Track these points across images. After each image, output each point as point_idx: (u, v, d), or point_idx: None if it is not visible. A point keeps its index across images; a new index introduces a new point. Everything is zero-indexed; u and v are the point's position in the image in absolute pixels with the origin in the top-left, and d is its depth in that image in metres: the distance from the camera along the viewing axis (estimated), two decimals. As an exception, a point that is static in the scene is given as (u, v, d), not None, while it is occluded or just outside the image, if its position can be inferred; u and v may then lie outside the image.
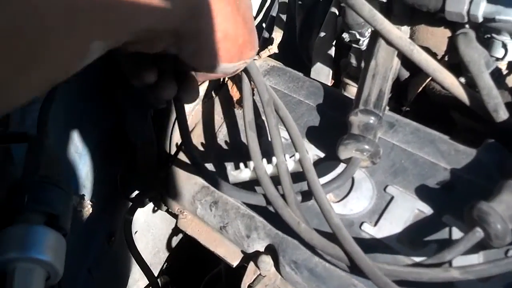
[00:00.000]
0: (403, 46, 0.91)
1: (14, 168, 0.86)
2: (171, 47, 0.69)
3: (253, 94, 0.99)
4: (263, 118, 0.98)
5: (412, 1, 0.97)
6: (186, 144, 0.98)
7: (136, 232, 1.45)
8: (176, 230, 1.59)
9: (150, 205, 1.30)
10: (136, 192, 1.28)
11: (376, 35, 0.96)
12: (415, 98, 1.16)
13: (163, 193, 1.16)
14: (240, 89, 1.03)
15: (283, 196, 0.84)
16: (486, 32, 0.95)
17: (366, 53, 0.98)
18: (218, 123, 1.11)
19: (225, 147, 1.07)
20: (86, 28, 0.50)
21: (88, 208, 1.11)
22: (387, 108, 1.18)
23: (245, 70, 0.97)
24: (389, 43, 0.92)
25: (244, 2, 0.73)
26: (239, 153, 1.02)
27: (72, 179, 1.19)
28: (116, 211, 1.35)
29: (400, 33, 0.92)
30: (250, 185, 0.92)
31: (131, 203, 1.27)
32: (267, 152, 0.90)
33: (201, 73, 0.84)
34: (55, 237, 0.71)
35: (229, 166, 0.99)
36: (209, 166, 1.05)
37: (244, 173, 0.89)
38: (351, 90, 1.29)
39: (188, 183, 1.07)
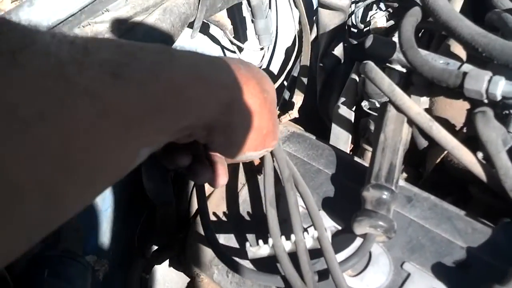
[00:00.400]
0: (423, 123, 0.92)
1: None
2: (201, 138, 0.71)
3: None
4: (282, 183, 0.99)
5: (431, 76, 0.98)
6: (204, 221, 1.00)
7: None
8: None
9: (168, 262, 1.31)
10: (154, 250, 1.29)
11: (385, 107, 0.97)
12: (433, 168, 1.17)
13: (180, 254, 1.17)
14: (261, 159, 1.05)
15: (300, 274, 0.85)
16: (504, 108, 0.96)
17: (376, 125, 1.00)
18: (239, 187, 1.12)
19: (245, 215, 1.08)
20: (136, 138, 0.52)
21: (105, 268, 1.13)
22: (404, 175, 1.20)
23: None
24: (408, 118, 0.94)
25: (271, 95, 0.76)
26: (258, 223, 1.03)
27: (91, 237, 1.21)
28: (132, 268, 1.36)
29: (419, 109, 0.93)
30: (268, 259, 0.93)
31: (147, 261, 1.28)
32: (285, 220, 0.91)
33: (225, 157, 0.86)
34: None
35: (249, 238, 1.00)
36: (227, 236, 1.07)
37: (262, 250, 0.89)
38: (370, 156, 1.30)
39: (206, 247, 1.08)
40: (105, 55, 0.49)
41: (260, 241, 0.90)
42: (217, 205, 1.11)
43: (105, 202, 1.22)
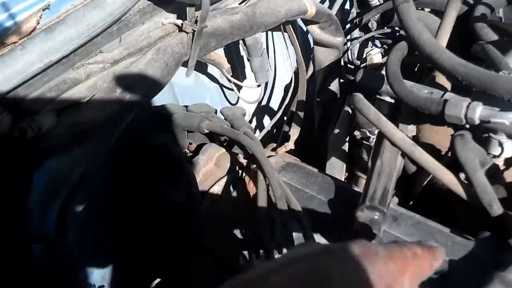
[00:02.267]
0: (406, 147, 0.98)
1: (33, 270, 0.92)
2: None
3: (268, 190, 1.06)
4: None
5: (415, 104, 1.04)
6: (202, 239, 1.05)
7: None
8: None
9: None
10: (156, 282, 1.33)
11: (381, 136, 1.02)
12: (421, 191, 1.22)
13: (182, 284, 1.21)
14: (256, 185, 1.10)
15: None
16: (483, 131, 1.02)
17: (373, 152, 1.05)
18: (234, 211, 1.18)
19: (241, 238, 1.13)
20: None
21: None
22: (396, 200, 1.25)
23: (261, 169, 1.04)
24: (393, 144, 0.99)
25: None
26: (254, 247, 1.07)
27: (93, 271, 1.25)
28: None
29: (402, 135, 0.99)
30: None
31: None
32: (281, 244, 0.96)
33: None
34: None
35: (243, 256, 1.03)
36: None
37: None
38: (363, 183, 1.34)
39: (205, 274, 1.12)
40: None
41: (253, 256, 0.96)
42: (215, 235, 1.15)
43: (107, 239, 1.27)
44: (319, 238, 1.05)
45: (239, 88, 1.65)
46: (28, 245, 0.91)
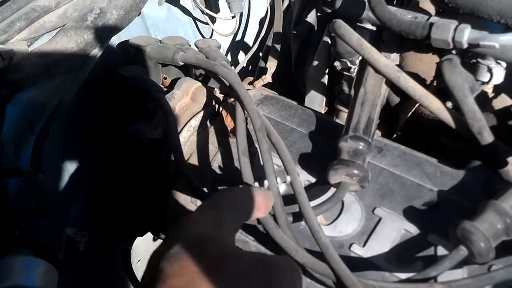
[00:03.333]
0: (390, 74, 0.93)
1: (8, 201, 0.88)
2: None
3: (247, 123, 1.01)
4: (256, 145, 1.00)
5: (399, 29, 0.99)
6: (182, 169, 1.01)
7: (139, 261, 1.46)
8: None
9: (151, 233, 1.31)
10: (135, 221, 1.30)
11: (364, 63, 0.98)
12: (405, 123, 1.18)
13: (160, 222, 1.17)
14: (234, 118, 1.05)
15: (274, 217, 0.86)
16: (471, 57, 0.98)
17: (355, 81, 1.01)
18: (213, 152, 1.13)
19: (219, 173, 1.08)
20: None
21: (85, 239, 1.13)
22: (379, 133, 1.21)
23: (239, 99, 1.00)
24: (377, 71, 0.95)
25: None
26: (233, 179, 1.04)
27: (70, 211, 1.21)
28: (114, 240, 1.37)
29: (387, 61, 0.94)
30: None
31: (129, 233, 1.29)
32: (261, 178, 0.92)
33: None
34: (45, 267, 0.74)
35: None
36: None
37: (236, 197, 0.90)
38: (344, 116, 1.31)
39: (185, 211, 1.09)
40: None
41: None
42: (193, 170, 1.12)
43: (81, 176, 1.23)
44: (301, 171, 1.01)
45: (213, 20, 1.59)
46: (1, 178, 0.88)
